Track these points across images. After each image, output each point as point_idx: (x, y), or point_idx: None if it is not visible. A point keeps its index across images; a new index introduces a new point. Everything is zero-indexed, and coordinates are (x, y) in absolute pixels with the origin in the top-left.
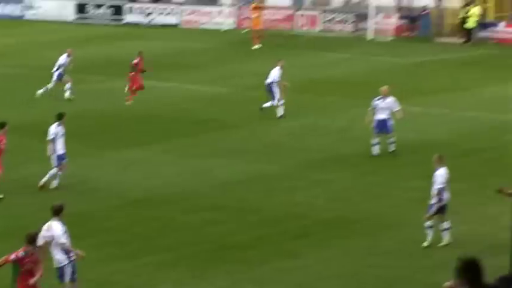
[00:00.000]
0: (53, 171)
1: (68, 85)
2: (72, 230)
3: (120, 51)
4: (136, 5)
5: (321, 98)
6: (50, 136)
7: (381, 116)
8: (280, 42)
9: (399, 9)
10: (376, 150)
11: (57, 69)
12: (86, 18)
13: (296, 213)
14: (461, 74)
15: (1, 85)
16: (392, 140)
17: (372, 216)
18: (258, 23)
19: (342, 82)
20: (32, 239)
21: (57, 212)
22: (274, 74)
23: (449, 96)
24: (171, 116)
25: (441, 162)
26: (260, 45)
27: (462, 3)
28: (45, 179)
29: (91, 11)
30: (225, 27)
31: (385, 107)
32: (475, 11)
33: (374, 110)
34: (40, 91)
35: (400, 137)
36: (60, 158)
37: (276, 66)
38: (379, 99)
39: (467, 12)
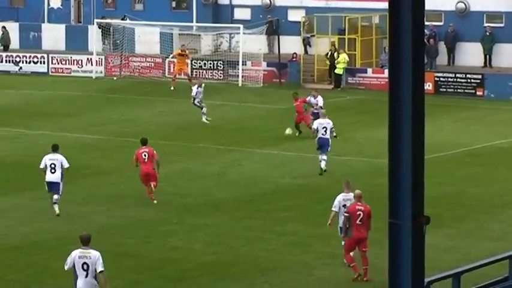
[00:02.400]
0: None
1: None
2: None
3: None
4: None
5: (193, 144)
6: None
7: None
8: (150, 89)
9: (268, 56)
10: None
11: None
12: None
13: (174, 257)
14: (332, 119)
15: None
16: None
17: (248, 260)
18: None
19: (215, 128)
20: None
21: None
22: None
23: None
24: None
25: (348, 188)
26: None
27: (329, 50)
28: None
29: None
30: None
31: None
32: (343, 57)
33: None
34: None
35: (273, 182)
36: None
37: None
38: None
39: (335, 59)
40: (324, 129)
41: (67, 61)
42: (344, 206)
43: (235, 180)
